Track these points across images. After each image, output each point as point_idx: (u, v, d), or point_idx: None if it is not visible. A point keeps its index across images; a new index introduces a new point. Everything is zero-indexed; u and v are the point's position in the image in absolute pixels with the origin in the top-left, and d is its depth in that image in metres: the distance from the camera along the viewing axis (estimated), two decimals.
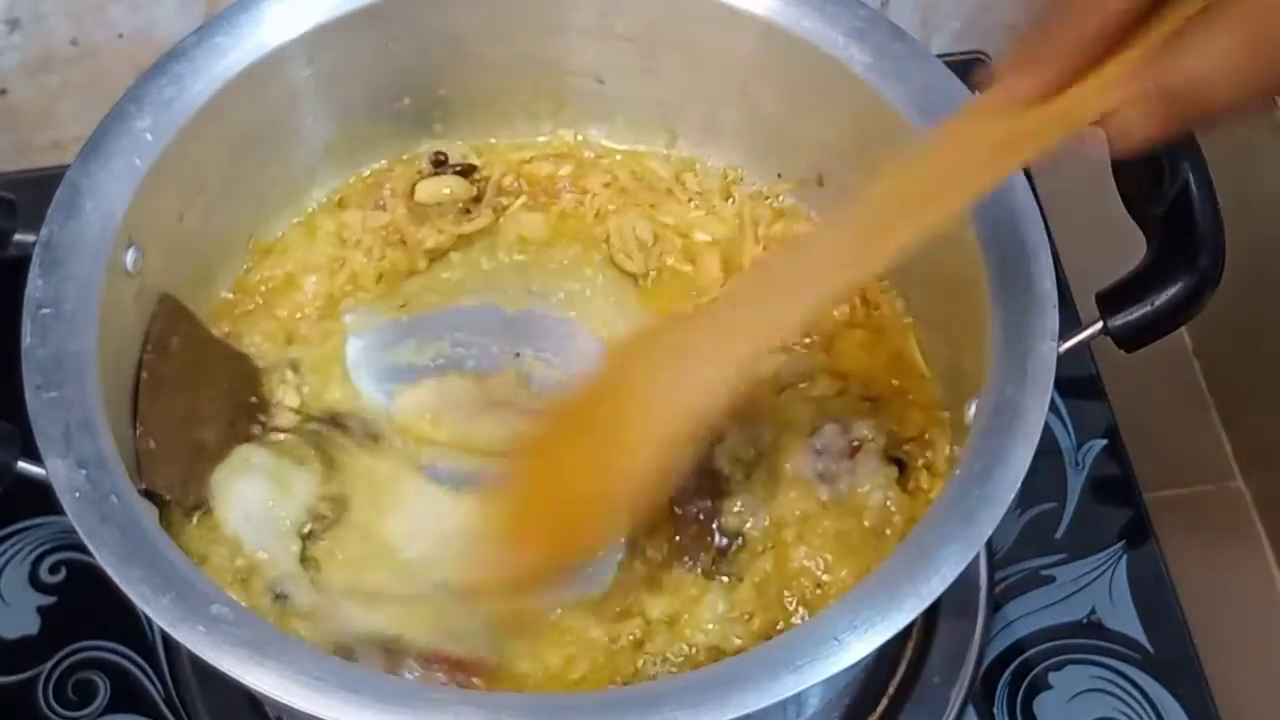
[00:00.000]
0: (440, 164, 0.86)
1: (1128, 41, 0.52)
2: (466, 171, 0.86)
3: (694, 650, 0.71)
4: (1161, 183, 0.70)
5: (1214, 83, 0.49)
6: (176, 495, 0.72)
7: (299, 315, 0.81)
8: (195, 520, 0.73)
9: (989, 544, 0.77)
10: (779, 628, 0.71)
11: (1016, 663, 0.85)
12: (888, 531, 0.72)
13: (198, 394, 0.75)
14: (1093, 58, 0.53)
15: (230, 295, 0.81)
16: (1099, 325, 0.70)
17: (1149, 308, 0.69)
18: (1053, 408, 0.88)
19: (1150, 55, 0.51)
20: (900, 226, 0.58)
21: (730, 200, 0.85)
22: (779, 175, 0.85)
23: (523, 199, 0.85)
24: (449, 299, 0.83)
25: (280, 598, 0.71)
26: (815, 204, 0.84)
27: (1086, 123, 0.53)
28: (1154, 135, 0.52)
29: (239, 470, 0.74)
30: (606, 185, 0.86)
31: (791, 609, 0.71)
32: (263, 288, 0.81)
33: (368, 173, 0.85)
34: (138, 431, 0.71)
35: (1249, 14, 0.48)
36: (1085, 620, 0.86)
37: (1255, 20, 0.48)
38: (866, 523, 0.73)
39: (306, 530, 0.74)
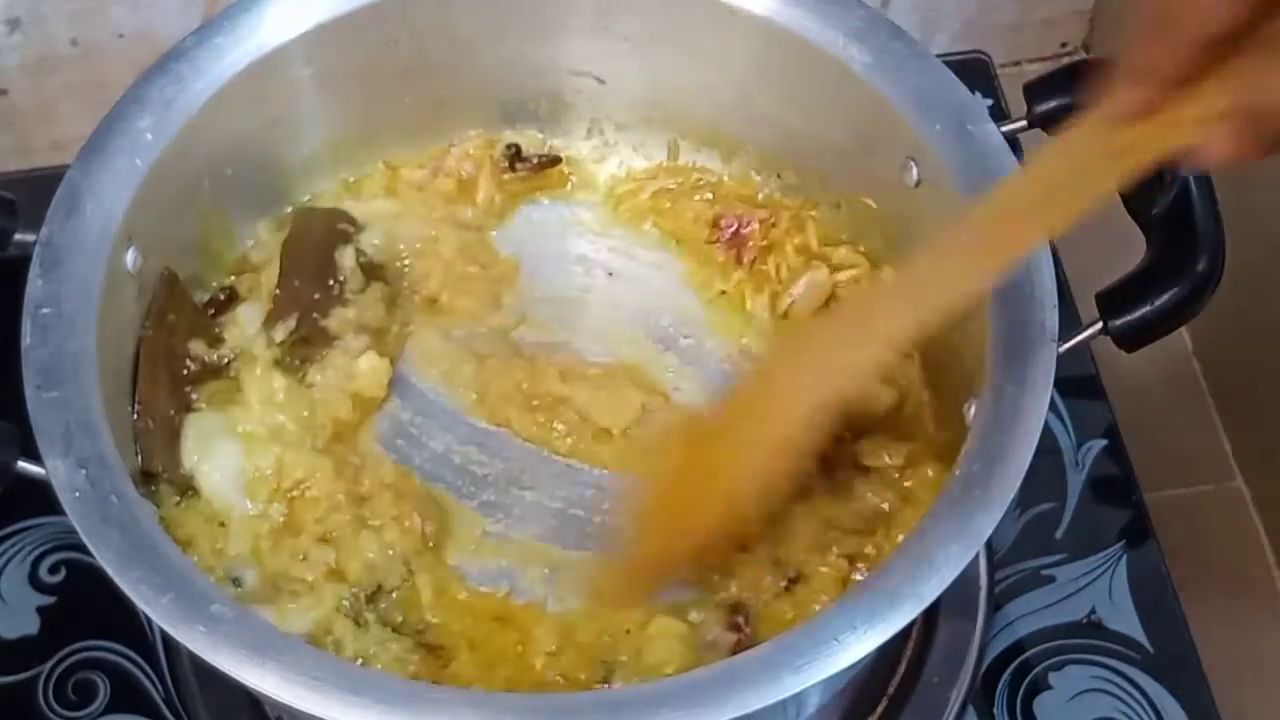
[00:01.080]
0: (515, 157, 0.86)
1: (1224, 60, 0.52)
2: (550, 163, 0.86)
3: None
4: (1161, 183, 0.70)
5: None
6: (170, 475, 0.72)
7: None
8: (183, 504, 0.73)
9: (989, 544, 0.77)
10: None
11: (1016, 663, 0.85)
12: None
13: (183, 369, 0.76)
14: (1189, 74, 0.53)
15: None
16: (1099, 325, 0.70)
17: (1149, 308, 0.69)
18: (1053, 408, 0.88)
19: (1241, 75, 0.51)
20: (1017, 233, 0.61)
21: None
22: (778, 175, 0.85)
23: None
24: None
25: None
26: (816, 204, 0.84)
27: (1183, 140, 0.54)
28: (1236, 155, 0.52)
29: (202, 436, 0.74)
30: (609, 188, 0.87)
31: None
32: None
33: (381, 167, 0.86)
34: (135, 410, 0.71)
35: None
36: (1085, 620, 0.86)
37: None
38: None
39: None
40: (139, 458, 0.71)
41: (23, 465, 0.64)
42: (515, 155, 0.86)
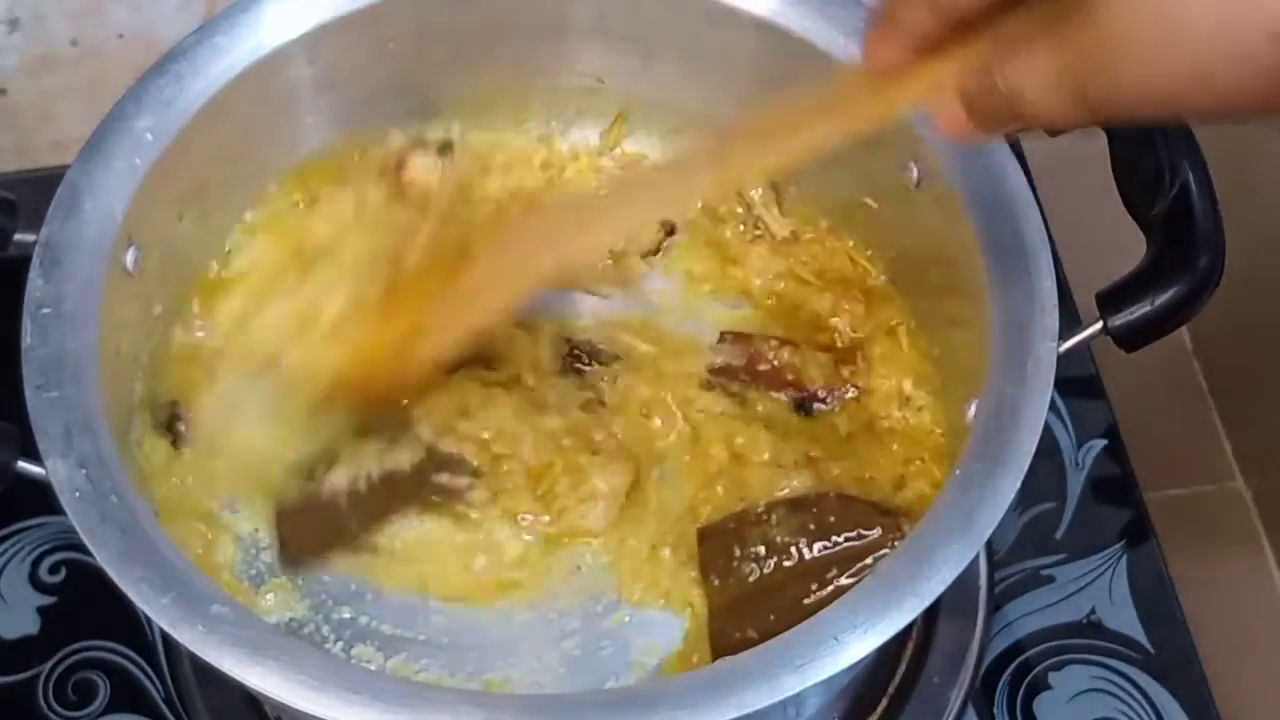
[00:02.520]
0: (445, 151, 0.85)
1: (975, 33, 0.53)
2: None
3: None
4: (1161, 183, 0.70)
5: (1024, 99, 0.50)
6: None
7: None
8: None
9: (989, 544, 0.77)
10: None
11: (1016, 663, 0.85)
12: None
13: None
14: (937, 42, 0.54)
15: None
16: (1099, 325, 0.70)
17: (1149, 308, 0.69)
18: (1053, 408, 0.88)
19: (985, 53, 0.52)
20: (755, 152, 0.62)
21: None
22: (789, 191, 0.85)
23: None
24: None
25: None
26: (814, 203, 0.84)
27: (916, 102, 0.55)
28: (970, 131, 0.53)
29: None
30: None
31: None
32: None
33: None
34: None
35: (1069, 46, 0.48)
36: (1085, 620, 0.86)
37: (1072, 53, 0.48)
38: None
39: None
40: None
41: (23, 465, 0.64)
42: None
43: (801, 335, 0.81)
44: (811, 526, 0.73)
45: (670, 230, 0.84)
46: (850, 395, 0.78)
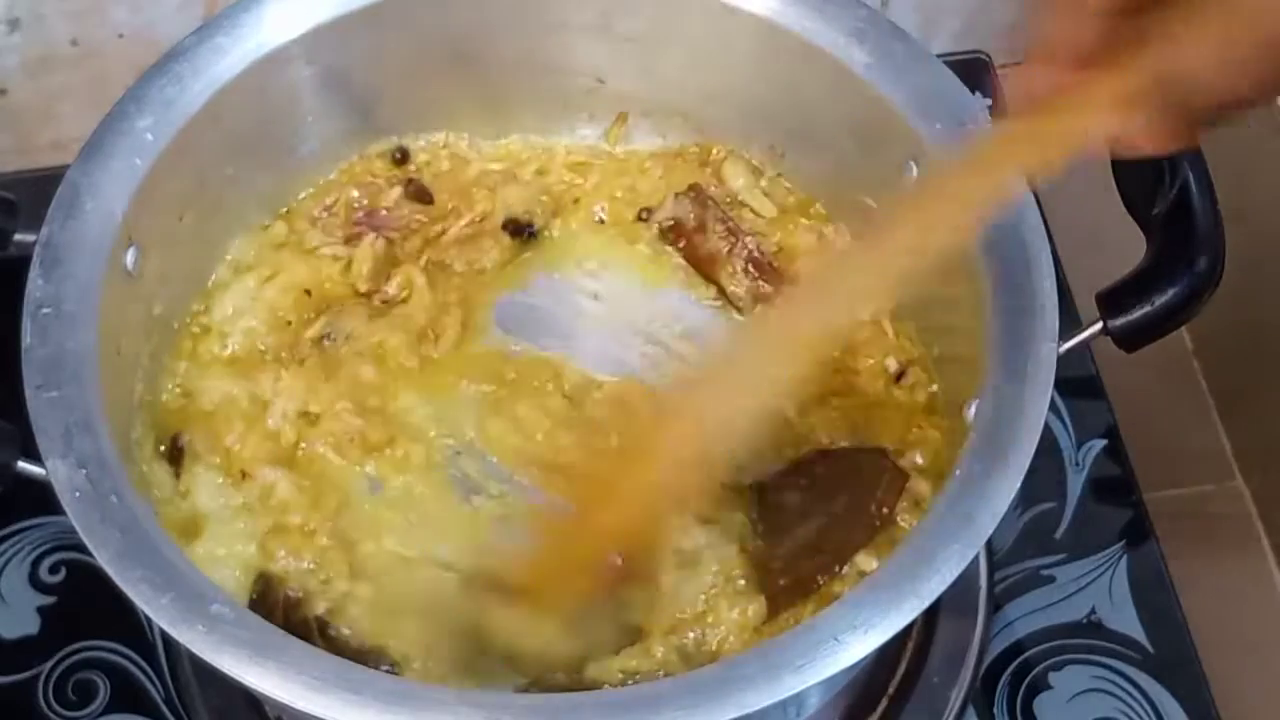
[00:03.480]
0: (401, 161, 0.85)
1: (1140, 33, 0.49)
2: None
3: None
4: (1161, 183, 0.70)
5: (1209, 71, 0.47)
6: None
7: None
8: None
9: (989, 544, 0.77)
10: None
11: (1016, 663, 0.85)
12: None
13: None
14: (1101, 48, 0.50)
15: None
16: (1099, 325, 0.70)
17: (1149, 308, 0.69)
18: (1053, 408, 0.88)
19: (1151, 44, 0.48)
20: (928, 239, 0.60)
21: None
22: (779, 175, 0.85)
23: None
24: None
25: None
26: (813, 203, 0.84)
27: (1098, 127, 0.51)
28: (1163, 143, 0.50)
29: None
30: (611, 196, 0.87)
31: None
32: None
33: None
34: None
35: (1230, 17, 0.46)
36: (1085, 620, 0.86)
37: (1236, 23, 0.46)
38: None
39: None
40: None
41: (23, 465, 0.64)
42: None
43: None
44: (804, 483, 0.73)
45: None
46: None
